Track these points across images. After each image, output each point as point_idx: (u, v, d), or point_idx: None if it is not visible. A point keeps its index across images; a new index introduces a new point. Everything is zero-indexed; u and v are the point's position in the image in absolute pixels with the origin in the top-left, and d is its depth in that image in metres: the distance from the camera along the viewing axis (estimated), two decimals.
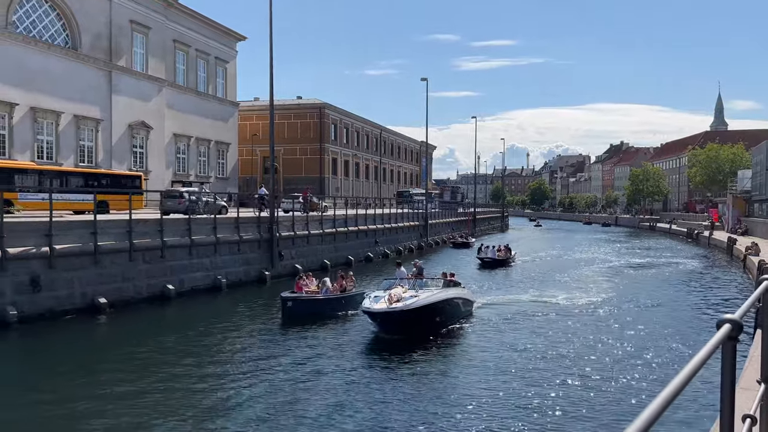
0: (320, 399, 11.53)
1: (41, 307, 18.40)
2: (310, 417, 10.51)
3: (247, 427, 10.13)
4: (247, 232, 28.36)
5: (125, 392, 11.99)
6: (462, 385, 12.91)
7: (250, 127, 61.95)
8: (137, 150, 43.36)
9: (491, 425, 10.16)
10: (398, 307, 15.40)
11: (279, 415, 10.74)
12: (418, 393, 12.15)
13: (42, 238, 18.85)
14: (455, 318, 18.29)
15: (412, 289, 17.23)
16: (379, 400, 11.58)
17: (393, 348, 15.27)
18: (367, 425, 10.22)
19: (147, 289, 22.28)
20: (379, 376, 13.22)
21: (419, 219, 52.43)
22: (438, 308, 16.66)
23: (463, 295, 19.08)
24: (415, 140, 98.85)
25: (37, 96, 34.88)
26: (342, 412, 10.76)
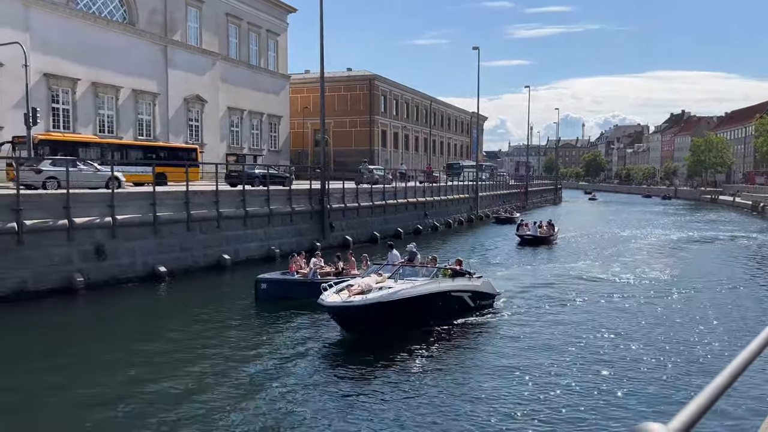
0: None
1: (106, 275, 19.34)
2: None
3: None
4: (300, 204, 28.84)
5: (184, 356, 12.54)
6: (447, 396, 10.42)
7: (301, 100, 62.38)
8: (192, 123, 44.44)
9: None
10: (354, 301, 12.77)
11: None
12: (384, 407, 9.87)
13: (105, 209, 19.72)
14: (459, 314, 15.25)
15: (393, 278, 14.47)
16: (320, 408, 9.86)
17: (367, 345, 13.15)
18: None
19: (204, 258, 23.06)
20: (339, 382, 11.10)
21: (469, 191, 51.99)
22: (420, 303, 13.78)
23: (471, 287, 15.83)
24: (465, 111, 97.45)
25: (98, 71, 36.08)
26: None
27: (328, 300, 12.90)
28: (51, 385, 10.74)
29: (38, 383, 10.83)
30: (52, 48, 32.77)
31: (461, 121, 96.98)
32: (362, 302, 12.81)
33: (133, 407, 9.73)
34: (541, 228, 35.02)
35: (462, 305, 15.41)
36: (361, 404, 10.00)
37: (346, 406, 9.93)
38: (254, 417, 9.33)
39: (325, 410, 9.71)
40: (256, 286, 17.57)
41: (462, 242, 35.64)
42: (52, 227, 18.09)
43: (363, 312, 12.89)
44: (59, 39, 33.25)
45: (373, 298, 13.00)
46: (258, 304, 17.36)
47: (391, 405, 9.92)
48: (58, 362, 12.07)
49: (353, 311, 12.93)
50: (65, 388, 10.68)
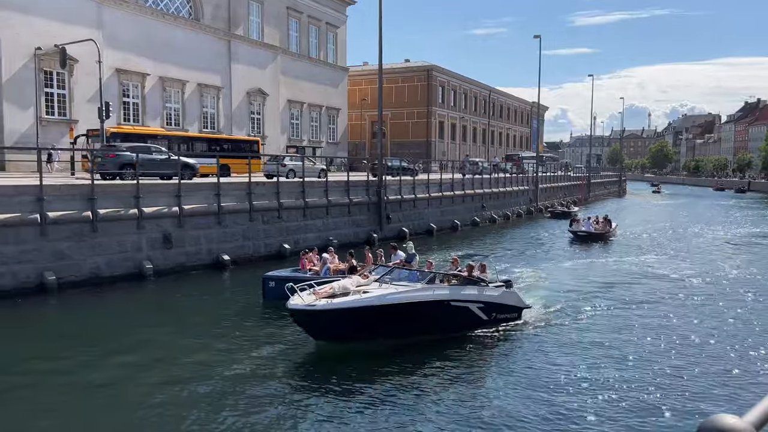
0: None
1: (173, 262, 20.15)
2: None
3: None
4: (357, 196, 29.11)
5: (244, 340, 12.93)
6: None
7: (359, 92, 62.80)
8: (254, 116, 45.52)
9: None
10: (317, 306, 11.36)
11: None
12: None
13: (172, 199, 20.51)
14: (467, 326, 13.43)
15: (381, 281, 13.00)
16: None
17: (356, 353, 11.92)
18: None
19: (265, 248, 23.66)
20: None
21: (529, 183, 51.07)
22: (405, 312, 12.08)
23: (483, 298, 13.57)
24: (525, 101, 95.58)
25: (165, 66, 37.44)
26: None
27: (292, 302, 11.45)
28: (121, 363, 11.38)
29: (109, 361, 11.54)
30: (123, 44, 34.22)
31: (521, 111, 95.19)
32: (325, 307, 11.29)
33: (193, 385, 10.17)
34: (596, 224, 32.86)
35: (469, 317, 13.27)
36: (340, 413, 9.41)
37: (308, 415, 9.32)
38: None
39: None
40: (264, 284, 16.32)
41: (511, 238, 34.25)
42: (123, 216, 18.98)
43: (325, 318, 11.38)
44: (129, 35, 34.69)
45: (339, 303, 11.48)
46: (264, 303, 16.22)
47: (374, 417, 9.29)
48: (126, 342, 12.77)
49: (315, 316, 11.40)
50: (134, 366, 11.25)
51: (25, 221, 16.67)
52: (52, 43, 28.59)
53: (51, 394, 10.01)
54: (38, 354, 12.10)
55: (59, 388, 10.25)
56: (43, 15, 29.97)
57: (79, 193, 18.24)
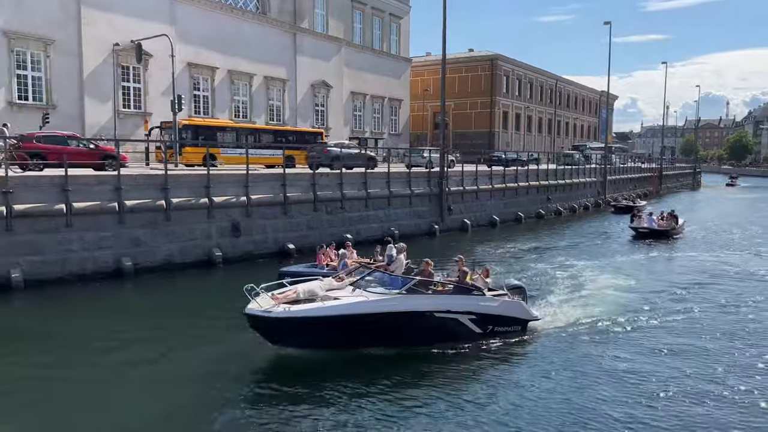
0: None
1: (240, 250, 20.81)
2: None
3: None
4: (418, 187, 29.10)
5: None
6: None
7: (421, 83, 62.53)
8: (318, 108, 46.19)
9: None
10: (273, 312, 10.47)
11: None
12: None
13: (241, 189, 21.16)
14: (455, 339, 11.86)
15: (355, 286, 11.77)
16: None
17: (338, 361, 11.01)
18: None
19: (329, 237, 23.93)
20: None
21: (597, 175, 49.56)
22: (376, 322, 10.97)
23: (475, 309, 12.09)
24: (593, 90, 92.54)
25: (234, 59, 38.51)
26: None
27: (249, 306, 10.63)
28: (192, 337, 12.25)
29: (179, 338, 12.37)
30: (194, 39, 35.41)
31: (589, 100, 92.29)
32: (281, 315, 10.43)
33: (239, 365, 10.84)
34: (661, 220, 29.87)
35: (459, 330, 11.87)
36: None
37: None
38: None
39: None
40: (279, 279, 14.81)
41: (567, 233, 32.60)
42: (195, 205, 19.75)
43: (281, 326, 10.56)
44: (200, 30, 35.85)
45: (297, 311, 10.56)
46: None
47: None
48: (199, 323, 13.44)
49: (271, 324, 10.55)
50: (204, 341, 11.90)
51: (105, 209, 17.62)
52: (128, 39, 29.93)
53: (126, 363, 10.82)
54: (119, 329, 13.02)
55: (136, 358, 11.17)
56: (122, 12, 31.41)
57: (153, 183, 19.11)
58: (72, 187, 16.96)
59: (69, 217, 16.83)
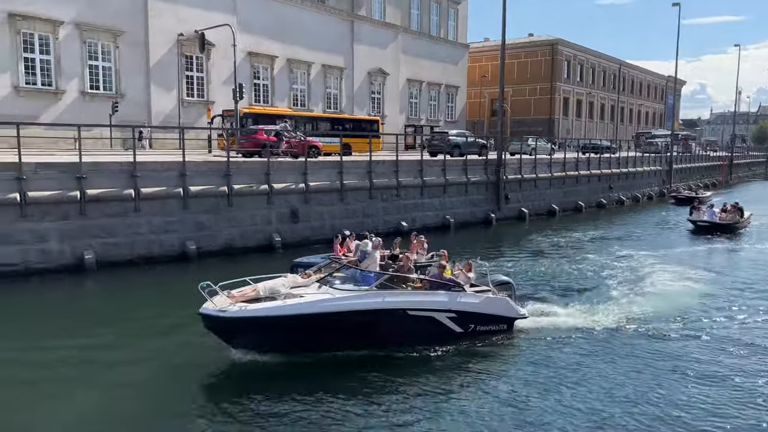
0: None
1: (299, 236, 21.22)
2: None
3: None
4: (475, 175, 28.82)
5: None
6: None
7: (479, 69, 61.65)
8: (375, 95, 46.31)
9: None
10: (228, 312, 9.69)
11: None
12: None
13: (299, 176, 21.54)
14: (434, 339, 11.01)
15: (324, 282, 10.90)
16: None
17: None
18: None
19: (384, 225, 24.19)
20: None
21: (662, 163, 47.74)
22: (343, 321, 10.20)
23: (454, 306, 11.22)
24: (659, 75, 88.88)
25: (293, 48, 39.04)
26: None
27: (205, 305, 9.86)
28: None
29: None
30: (255, 28, 36.08)
31: (654, 85, 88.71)
32: (236, 314, 9.66)
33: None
34: (723, 212, 27.48)
35: (437, 329, 11.04)
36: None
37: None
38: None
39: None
40: (292, 271, 14.55)
41: (624, 223, 31.46)
42: (255, 191, 20.25)
43: (236, 327, 9.81)
44: (261, 20, 36.49)
45: (253, 310, 9.75)
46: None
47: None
48: None
49: (225, 324, 9.79)
50: None
51: (171, 194, 18.30)
52: (192, 29, 30.80)
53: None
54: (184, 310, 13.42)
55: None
56: (186, 3, 32.34)
57: (216, 169, 19.68)
58: (140, 173, 17.69)
59: (137, 201, 17.59)
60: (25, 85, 27.40)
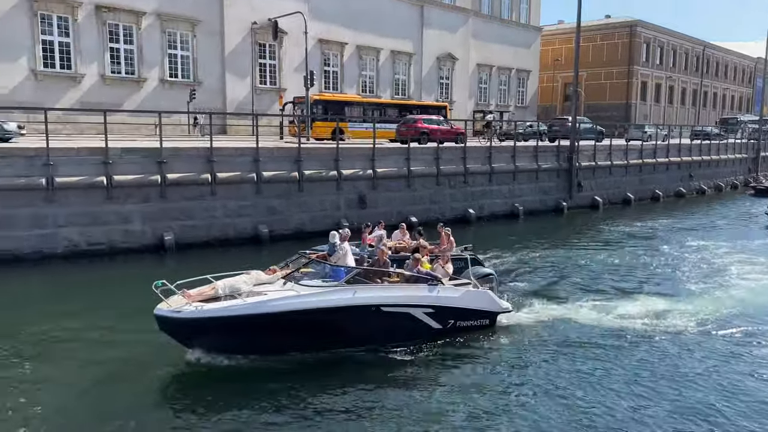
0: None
1: (365, 222, 21.37)
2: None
3: None
4: (546, 162, 28.13)
5: None
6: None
7: (551, 53, 59.83)
8: (443, 81, 45.87)
9: None
10: (183, 312, 9.06)
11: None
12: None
13: (367, 162, 21.73)
14: (411, 336, 10.42)
15: (289, 279, 10.15)
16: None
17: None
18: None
19: (450, 211, 24.08)
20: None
21: (748, 150, 44.96)
22: (308, 320, 9.51)
23: (430, 302, 10.56)
24: (747, 57, 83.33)
25: (362, 35, 39.18)
26: None
27: (159, 305, 9.21)
28: None
29: None
30: (326, 15, 36.41)
31: (741, 68, 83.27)
32: (190, 315, 9.02)
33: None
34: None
35: (413, 326, 10.42)
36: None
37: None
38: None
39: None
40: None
41: (700, 214, 29.56)
42: (325, 177, 20.60)
43: (191, 329, 9.18)
44: (332, 7, 36.79)
45: (208, 310, 9.10)
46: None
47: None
48: None
49: (180, 326, 9.17)
50: None
51: (244, 179, 18.90)
52: (265, 17, 31.47)
53: None
54: None
55: None
56: None
57: (288, 155, 20.14)
58: (216, 158, 18.35)
59: (213, 186, 18.27)
60: (111, 74, 28.88)
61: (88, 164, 16.55)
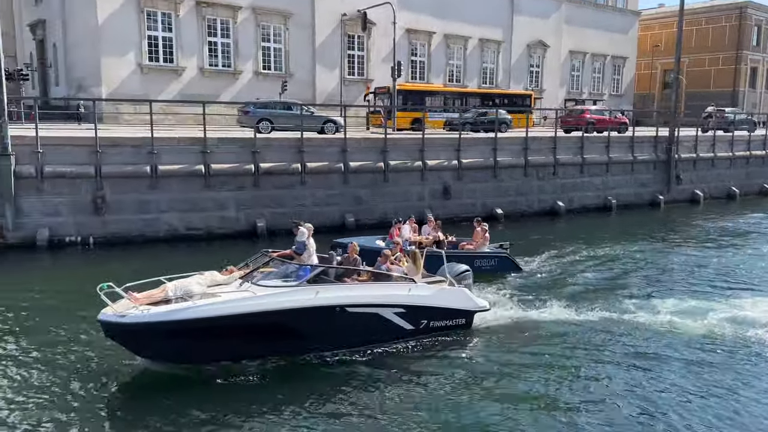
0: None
1: (449, 212, 21.33)
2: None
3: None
4: (642, 153, 26.82)
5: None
6: None
7: (650, 38, 56.72)
8: (533, 69, 44.66)
9: None
10: (128, 317, 8.31)
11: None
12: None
13: (452, 153, 21.61)
14: (376, 339, 9.75)
15: (247, 279, 9.39)
16: None
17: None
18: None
19: (538, 204, 23.54)
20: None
21: None
22: (267, 323, 8.85)
23: (403, 300, 9.95)
24: None
25: (450, 23, 38.82)
26: None
27: (103, 310, 8.44)
28: None
29: None
30: (414, 5, 36.35)
31: None
32: (134, 320, 8.29)
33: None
34: None
35: (382, 327, 9.80)
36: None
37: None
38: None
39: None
40: (332, 250, 13.29)
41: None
42: (410, 168, 20.70)
43: (135, 335, 8.45)
44: None
45: (155, 314, 8.39)
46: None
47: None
48: None
49: (124, 331, 8.45)
50: None
51: (332, 169, 19.35)
52: (355, 9, 31.87)
53: None
54: None
55: None
56: None
57: (373, 146, 20.40)
58: (306, 148, 18.89)
59: (303, 175, 18.84)
60: (209, 67, 30.32)
61: (187, 153, 17.53)
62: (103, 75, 27.39)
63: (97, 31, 27.18)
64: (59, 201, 16.23)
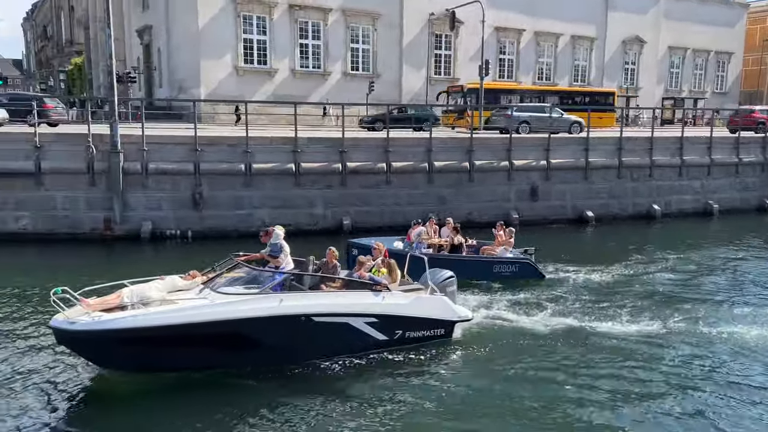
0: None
1: (536, 214, 20.87)
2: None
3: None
4: (749, 154, 25.04)
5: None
6: None
7: (760, 32, 52.79)
8: (628, 66, 42.80)
9: None
10: (78, 324, 7.86)
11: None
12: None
13: (541, 153, 21.08)
14: (348, 350, 9.14)
15: (209, 285, 8.88)
16: None
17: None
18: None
19: (632, 207, 22.54)
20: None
21: None
22: (226, 333, 8.32)
23: (374, 311, 9.29)
24: None
25: (540, 20, 37.91)
26: None
27: (56, 316, 8.07)
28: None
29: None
30: (503, 3, 35.78)
31: None
32: (83, 327, 7.88)
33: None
34: None
35: (354, 338, 9.19)
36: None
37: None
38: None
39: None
40: (348, 252, 13.23)
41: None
42: (496, 168, 20.40)
43: (87, 342, 8.06)
44: None
45: (105, 321, 7.94)
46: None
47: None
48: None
49: (74, 339, 8.05)
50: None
51: (417, 169, 19.41)
52: (443, 8, 31.80)
53: None
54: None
55: None
56: None
57: (459, 146, 20.28)
58: (392, 148, 19.07)
59: (388, 174, 19.03)
60: (300, 68, 31.28)
61: (279, 152, 18.17)
62: (202, 77, 28.92)
63: (197, 36, 28.72)
64: (161, 196, 17.30)
